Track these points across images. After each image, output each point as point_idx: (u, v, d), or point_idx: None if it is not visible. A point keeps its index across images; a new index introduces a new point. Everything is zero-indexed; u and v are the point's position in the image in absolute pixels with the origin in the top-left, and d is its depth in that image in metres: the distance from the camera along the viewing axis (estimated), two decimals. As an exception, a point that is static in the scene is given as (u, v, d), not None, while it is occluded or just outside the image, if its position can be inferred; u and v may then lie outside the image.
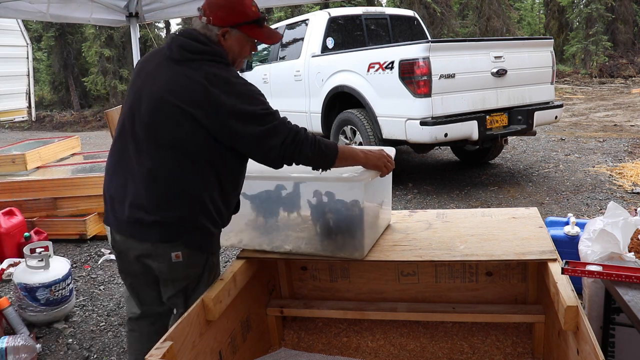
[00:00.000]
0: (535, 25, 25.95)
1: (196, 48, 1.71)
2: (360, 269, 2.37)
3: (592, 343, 1.34)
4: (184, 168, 1.69)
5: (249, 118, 1.67)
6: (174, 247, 1.73)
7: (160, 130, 1.68)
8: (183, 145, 1.68)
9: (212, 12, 1.75)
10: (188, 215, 1.72)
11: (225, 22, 1.75)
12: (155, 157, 1.69)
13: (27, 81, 10.98)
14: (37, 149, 5.18)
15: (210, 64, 1.70)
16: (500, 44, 5.27)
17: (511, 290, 2.24)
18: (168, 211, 1.70)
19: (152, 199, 1.70)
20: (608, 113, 10.30)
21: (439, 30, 16.26)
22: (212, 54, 1.72)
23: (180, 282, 1.83)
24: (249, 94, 1.71)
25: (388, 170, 1.98)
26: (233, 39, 1.77)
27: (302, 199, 2.04)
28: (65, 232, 4.51)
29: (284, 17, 13.86)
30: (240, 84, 1.71)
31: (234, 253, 3.84)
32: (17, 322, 2.84)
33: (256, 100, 1.71)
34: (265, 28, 1.85)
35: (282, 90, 6.82)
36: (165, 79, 1.69)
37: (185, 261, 1.76)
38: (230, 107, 1.65)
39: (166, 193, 1.70)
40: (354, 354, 2.29)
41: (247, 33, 1.79)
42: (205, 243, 1.80)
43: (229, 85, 1.67)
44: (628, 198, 4.73)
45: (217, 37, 1.75)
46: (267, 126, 1.68)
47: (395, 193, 5.29)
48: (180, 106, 1.65)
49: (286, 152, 1.70)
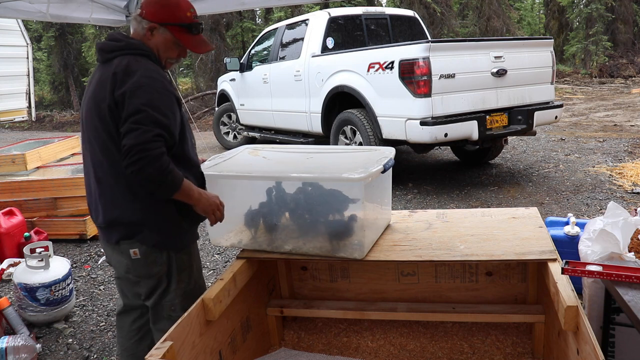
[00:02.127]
0: (535, 25, 25.93)
1: (111, 46, 1.77)
2: (360, 269, 2.37)
3: (592, 343, 1.34)
4: (117, 169, 1.72)
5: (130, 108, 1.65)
6: (132, 245, 1.80)
7: (92, 135, 1.76)
8: (111, 146, 1.72)
9: (147, 7, 1.81)
10: (136, 214, 1.76)
11: (155, 17, 1.80)
12: (95, 161, 1.78)
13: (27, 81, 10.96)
14: (37, 149, 5.18)
15: (122, 58, 1.74)
16: (500, 44, 5.27)
17: (511, 290, 2.24)
18: (116, 212, 1.77)
19: (102, 203, 1.80)
20: (608, 113, 10.29)
21: (439, 30, 16.25)
22: (125, 47, 1.76)
23: (147, 281, 1.86)
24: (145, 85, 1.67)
25: (216, 219, 1.88)
26: (160, 36, 1.81)
27: (302, 199, 2.04)
28: (65, 232, 4.51)
29: (284, 17, 13.85)
30: (142, 75, 1.69)
31: (234, 253, 3.84)
32: (17, 322, 2.84)
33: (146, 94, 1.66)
34: (196, 36, 1.86)
35: (282, 90, 6.82)
36: (95, 84, 1.77)
37: (143, 259, 1.81)
38: (121, 94, 1.66)
39: (110, 195, 1.77)
40: (354, 354, 2.29)
41: (175, 35, 1.82)
42: (162, 240, 1.81)
43: (130, 73, 1.69)
44: (628, 198, 4.73)
45: (144, 30, 1.81)
46: (134, 126, 1.62)
47: (395, 193, 5.29)
48: (101, 107, 1.71)
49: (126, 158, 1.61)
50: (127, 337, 2.08)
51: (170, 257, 1.85)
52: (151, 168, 1.61)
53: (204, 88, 16.02)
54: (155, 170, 1.62)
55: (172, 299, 1.88)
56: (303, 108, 6.40)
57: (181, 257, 1.88)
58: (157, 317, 1.92)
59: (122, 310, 2.08)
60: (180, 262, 1.88)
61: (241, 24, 17.01)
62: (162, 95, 1.70)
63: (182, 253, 1.89)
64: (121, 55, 1.74)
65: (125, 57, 1.73)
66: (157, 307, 1.90)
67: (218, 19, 15.80)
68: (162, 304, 1.88)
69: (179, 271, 1.87)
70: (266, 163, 2.40)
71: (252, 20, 17.79)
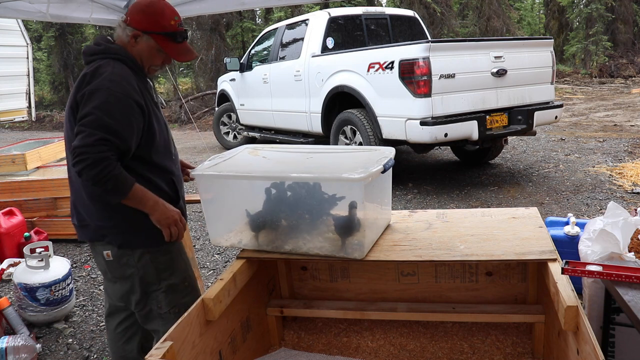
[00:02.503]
0: (535, 25, 25.93)
1: (92, 50, 1.79)
2: (360, 269, 2.37)
3: (592, 343, 1.34)
4: None
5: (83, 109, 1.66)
6: (104, 246, 1.81)
7: (66, 136, 1.79)
8: None
9: (131, 14, 1.82)
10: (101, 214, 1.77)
11: (139, 25, 1.80)
12: (68, 162, 1.79)
13: (27, 81, 10.96)
14: (37, 149, 5.18)
15: (99, 62, 1.75)
16: (500, 44, 5.27)
17: (511, 290, 2.24)
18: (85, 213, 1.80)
19: (74, 203, 1.83)
20: (608, 113, 10.29)
21: (439, 30, 16.25)
22: (103, 51, 1.77)
23: (123, 282, 1.86)
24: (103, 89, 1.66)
25: (171, 235, 1.83)
26: (143, 44, 1.82)
27: (301, 199, 2.04)
28: (65, 232, 4.51)
29: (284, 17, 13.86)
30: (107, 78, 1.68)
31: (234, 253, 3.84)
32: (17, 322, 2.84)
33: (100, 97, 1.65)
34: (180, 45, 1.86)
35: (282, 90, 6.82)
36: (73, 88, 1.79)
37: (116, 260, 1.81)
38: (81, 95, 1.68)
39: (80, 196, 1.80)
40: (354, 354, 2.29)
41: (158, 43, 1.82)
42: (129, 240, 1.80)
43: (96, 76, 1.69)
44: (628, 198, 4.73)
45: (128, 37, 1.81)
46: (82, 128, 1.63)
47: (395, 193, 5.29)
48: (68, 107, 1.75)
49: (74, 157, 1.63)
50: (115, 340, 2.08)
51: (143, 257, 1.82)
52: (92, 171, 1.61)
53: (204, 88, 16.02)
54: (95, 174, 1.62)
55: (158, 298, 1.88)
56: (303, 108, 6.40)
57: (158, 257, 1.86)
58: (147, 318, 1.91)
59: (109, 312, 2.09)
60: (157, 263, 1.85)
61: (241, 24, 17.01)
62: (118, 99, 1.67)
63: (160, 254, 1.86)
64: (99, 59, 1.75)
65: (100, 62, 1.74)
66: (143, 310, 1.89)
67: (218, 19, 15.80)
68: (149, 304, 1.88)
69: (158, 271, 1.86)
70: (266, 163, 2.40)
71: (252, 20, 17.80)
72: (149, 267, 1.84)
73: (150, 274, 1.85)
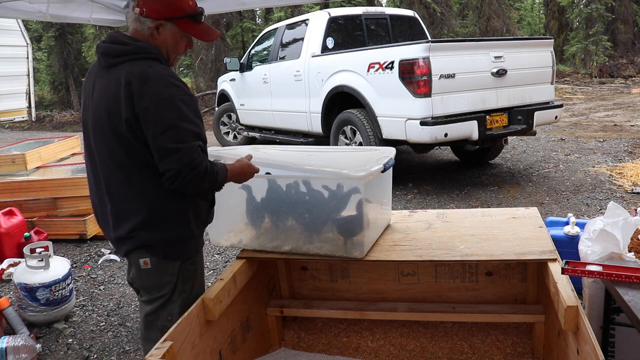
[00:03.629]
0: (535, 25, 25.93)
1: (117, 51, 1.66)
2: (360, 269, 2.37)
3: (592, 343, 1.34)
4: (130, 178, 1.67)
5: (162, 126, 1.60)
6: (142, 254, 1.74)
7: (104, 144, 1.68)
8: (121, 155, 1.66)
9: (146, 4, 1.68)
10: (147, 224, 1.70)
11: (160, 14, 1.69)
12: (106, 172, 1.71)
13: (27, 81, 10.96)
14: (37, 149, 5.18)
15: (133, 63, 1.64)
16: (500, 44, 5.27)
17: (511, 290, 2.24)
18: (127, 224, 1.70)
19: (112, 214, 1.72)
20: (608, 113, 10.29)
21: (439, 30, 16.25)
22: (134, 52, 1.66)
23: (152, 291, 1.80)
24: (168, 96, 1.61)
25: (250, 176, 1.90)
26: (167, 33, 1.71)
27: (301, 198, 2.04)
28: (65, 232, 4.51)
29: (284, 17, 13.86)
30: (160, 84, 1.62)
31: (234, 253, 3.84)
32: (17, 322, 2.84)
33: (175, 107, 1.61)
34: (202, 24, 1.78)
35: (282, 90, 6.82)
36: (99, 91, 1.68)
37: (154, 269, 1.75)
38: (148, 111, 1.58)
39: (122, 206, 1.70)
40: (354, 354, 2.29)
41: (182, 28, 1.73)
42: (172, 250, 1.76)
43: (146, 83, 1.60)
44: (628, 198, 4.73)
45: (149, 30, 1.69)
46: (173, 146, 1.59)
47: (395, 193, 5.29)
48: (110, 115, 1.63)
49: (177, 180, 1.62)
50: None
51: (180, 267, 1.80)
52: (204, 184, 1.65)
53: (204, 88, 16.02)
54: (207, 183, 1.66)
55: (171, 310, 1.82)
56: (303, 108, 6.40)
57: (187, 267, 1.83)
58: (149, 325, 1.85)
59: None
60: (185, 272, 1.82)
61: (241, 24, 17.00)
62: (187, 103, 1.64)
63: (188, 263, 1.83)
64: (129, 61, 1.64)
65: (135, 63, 1.63)
66: (153, 316, 1.83)
67: (218, 19, 15.79)
68: (159, 313, 1.82)
69: (183, 281, 1.82)
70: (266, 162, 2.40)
71: (252, 20, 17.79)
72: (179, 278, 1.81)
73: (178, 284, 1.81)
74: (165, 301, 1.81)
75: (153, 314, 1.82)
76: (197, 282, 1.89)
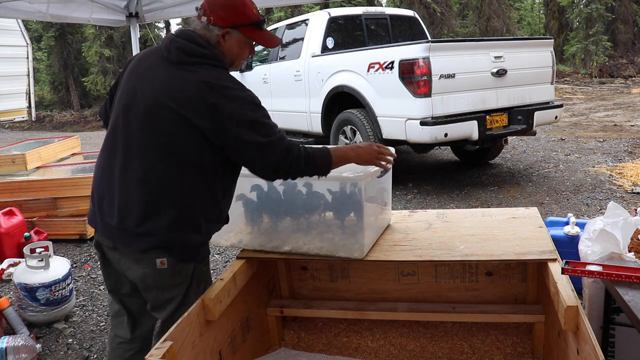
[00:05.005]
0: (535, 25, 25.95)
1: (195, 51, 1.68)
2: (360, 269, 2.37)
3: (592, 343, 1.34)
4: (174, 174, 1.66)
5: (248, 125, 1.64)
6: (159, 254, 1.70)
7: (154, 132, 1.65)
8: (175, 149, 1.64)
9: (213, 12, 1.71)
10: (174, 224, 1.67)
11: (227, 22, 1.72)
12: (146, 161, 1.66)
13: (27, 81, 10.97)
14: (37, 149, 5.18)
15: (209, 68, 1.68)
16: (500, 44, 5.27)
17: (511, 290, 2.24)
18: (154, 220, 1.65)
19: (140, 206, 1.65)
20: (608, 113, 10.30)
21: (439, 30, 16.26)
22: (211, 57, 1.69)
23: (166, 292, 1.77)
24: (250, 100, 1.69)
25: (385, 162, 1.91)
26: (233, 40, 1.75)
27: (301, 198, 2.04)
28: (65, 232, 4.51)
29: (284, 17, 13.86)
30: (239, 89, 1.69)
31: (234, 253, 3.84)
32: (17, 322, 2.84)
33: (257, 107, 1.70)
34: (264, 31, 1.83)
35: (282, 90, 6.82)
36: (162, 81, 1.66)
37: (170, 269, 1.72)
38: (230, 112, 1.62)
39: (154, 200, 1.65)
40: (354, 354, 2.29)
41: (247, 35, 1.77)
42: (191, 253, 1.76)
43: (228, 89, 1.65)
44: (628, 198, 4.73)
45: (217, 37, 1.72)
46: (265, 139, 1.64)
47: (395, 193, 5.29)
48: (175, 109, 1.62)
49: (280, 170, 1.69)
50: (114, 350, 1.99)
51: (195, 268, 1.79)
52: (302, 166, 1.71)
53: (204, 88, 16.00)
54: (305, 165, 1.71)
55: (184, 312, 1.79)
56: (303, 108, 6.40)
57: (201, 268, 1.83)
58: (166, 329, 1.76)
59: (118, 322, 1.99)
60: (200, 274, 1.82)
61: (241, 24, 16.99)
62: (261, 106, 1.74)
63: (202, 264, 1.84)
64: (206, 65, 1.68)
65: (211, 69, 1.68)
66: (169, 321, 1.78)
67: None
68: (174, 316, 1.76)
69: (197, 283, 1.82)
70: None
71: (252, 20, 17.78)
72: (194, 279, 1.80)
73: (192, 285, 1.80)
74: (180, 303, 1.78)
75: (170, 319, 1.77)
76: (209, 283, 1.89)
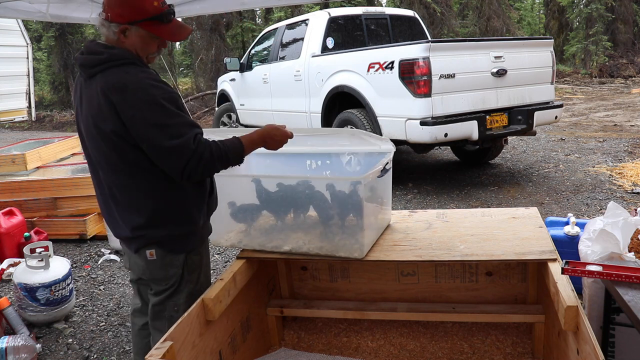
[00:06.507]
0: (535, 25, 25.93)
1: (93, 61, 1.67)
2: (360, 269, 2.37)
3: (592, 343, 1.34)
4: (130, 183, 1.71)
5: (150, 127, 1.61)
6: (149, 247, 1.79)
7: (98, 152, 1.72)
8: (118, 162, 1.69)
9: (111, 9, 1.68)
10: (152, 224, 1.74)
11: (123, 18, 1.68)
12: (106, 179, 1.75)
13: (27, 81, 10.97)
14: (37, 149, 5.18)
15: (109, 72, 1.65)
16: (500, 44, 5.27)
17: (511, 290, 2.24)
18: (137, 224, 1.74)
19: (120, 217, 1.77)
20: (608, 113, 10.29)
21: (439, 30, 16.25)
22: (110, 59, 1.66)
23: (160, 283, 1.84)
24: (151, 100, 1.61)
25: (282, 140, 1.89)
26: (134, 36, 1.70)
27: (302, 199, 2.05)
28: (65, 232, 4.51)
29: (284, 17, 13.86)
30: (141, 89, 1.62)
31: (234, 253, 3.84)
32: (17, 322, 2.84)
33: (159, 107, 1.61)
34: (170, 24, 1.76)
35: (282, 90, 6.82)
36: (85, 102, 1.70)
37: (160, 260, 1.79)
38: (131, 114, 1.60)
39: (126, 209, 1.75)
40: (354, 354, 2.29)
41: (148, 30, 1.71)
42: (178, 244, 1.81)
43: (126, 92, 1.60)
44: (628, 198, 4.73)
45: (116, 35, 1.70)
46: (170, 143, 1.60)
47: (395, 193, 5.29)
48: (99, 126, 1.65)
49: (190, 173, 1.65)
50: (140, 336, 2.07)
51: (185, 258, 1.84)
52: (216, 166, 1.70)
53: (204, 88, 16.03)
54: (219, 164, 1.70)
55: (177, 300, 1.86)
56: (303, 108, 6.40)
57: (192, 257, 1.86)
58: (157, 315, 1.90)
59: (138, 309, 2.06)
60: (191, 263, 1.86)
61: (241, 24, 17.01)
62: (170, 101, 1.65)
63: (193, 254, 1.86)
64: (105, 70, 1.65)
65: (110, 72, 1.64)
66: (160, 306, 1.88)
67: (218, 19, 15.81)
68: (165, 303, 1.87)
69: (189, 272, 1.86)
70: (265, 162, 2.40)
71: (252, 20, 17.80)
72: (185, 269, 1.84)
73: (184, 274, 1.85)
74: (172, 292, 1.85)
75: (160, 305, 1.87)
76: (203, 273, 1.93)
